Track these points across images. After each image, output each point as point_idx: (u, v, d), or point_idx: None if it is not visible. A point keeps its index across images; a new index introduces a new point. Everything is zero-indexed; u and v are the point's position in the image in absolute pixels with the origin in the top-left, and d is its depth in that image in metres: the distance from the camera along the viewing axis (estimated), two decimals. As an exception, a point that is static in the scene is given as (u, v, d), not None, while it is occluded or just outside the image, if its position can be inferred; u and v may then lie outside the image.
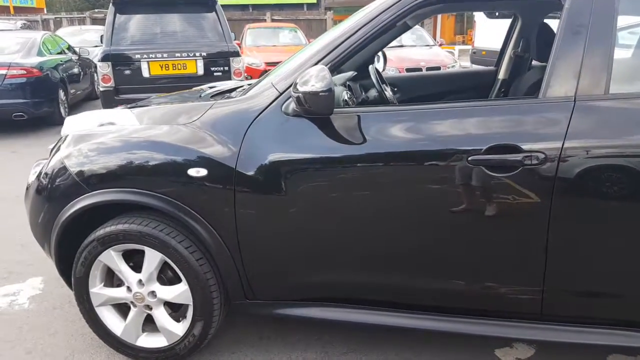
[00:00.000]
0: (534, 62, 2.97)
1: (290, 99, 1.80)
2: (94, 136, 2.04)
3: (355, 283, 1.91)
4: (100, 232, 1.98)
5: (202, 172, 1.84)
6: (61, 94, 7.50)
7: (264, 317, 2.12)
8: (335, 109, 1.76)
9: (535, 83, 2.45)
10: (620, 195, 1.61)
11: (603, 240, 1.66)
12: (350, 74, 2.64)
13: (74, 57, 8.75)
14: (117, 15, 6.30)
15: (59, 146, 2.15)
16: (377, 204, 1.77)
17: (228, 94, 2.24)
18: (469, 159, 1.66)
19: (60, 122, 5.23)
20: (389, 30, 1.92)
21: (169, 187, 1.88)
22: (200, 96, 2.37)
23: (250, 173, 1.81)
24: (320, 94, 1.66)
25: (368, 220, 1.80)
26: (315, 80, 1.67)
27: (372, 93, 2.69)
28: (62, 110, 7.42)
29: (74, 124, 2.22)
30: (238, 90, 2.32)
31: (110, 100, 6.01)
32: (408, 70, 8.06)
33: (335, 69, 1.89)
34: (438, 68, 8.25)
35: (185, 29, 6.53)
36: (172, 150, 1.88)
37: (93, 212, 1.99)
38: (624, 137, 1.61)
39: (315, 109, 1.71)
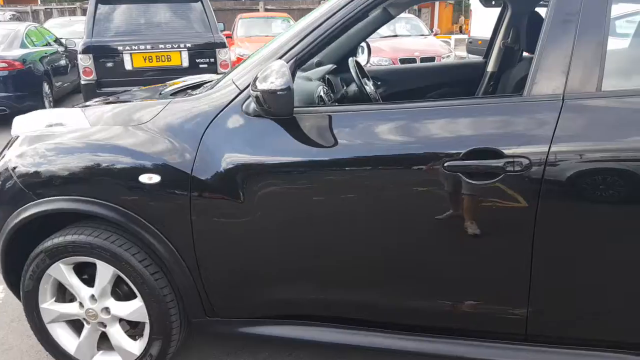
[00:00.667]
0: (525, 54, 2.79)
1: (251, 98, 1.63)
2: (40, 139, 1.86)
3: (323, 299, 1.74)
4: (48, 243, 1.81)
5: (155, 178, 1.67)
6: (45, 87, 7.29)
7: (226, 336, 1.95)
8: (300, 109, 1.62)
9: (525, 77, 2.27)
10: (613, 205, 1.44)
11: (592, 256, 1.49)
12: (329, 67, 2.46)
13: (61, 49, 8.52)
14: (99, 5, 6.07)
15: (4, 150, 1.98)
16: (344, 214, 1.60)
17: (190, 91, 2.06)
18: (445, 164, 1.48)
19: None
20: (361, 19, 1.75)
21: (118, 195, 1.71)
22: (160, 93, 2.19)
23: (208, 179, 1.64)
24: (278, 92, 1.48)
25: (334, 232, 1.63)
26: (275, 76, 1.49)
27: (352, 88, 2.51)
28: (46, 104, 7.21)
29: (23, 124, 2.04)
30: (205, 85, 2.14)
31: (92, 94, 5.79)
32: (402, 60, 7.86)
33: (301, 63, 1.72)
34: (433, 58, 8.03)
35: (169, 20, 6.31)
36: (121, 155, 1.71)
37: (44, 220, 1.83)
38: (618, 139, 1.43)
39: (274, 110, 1.53)
